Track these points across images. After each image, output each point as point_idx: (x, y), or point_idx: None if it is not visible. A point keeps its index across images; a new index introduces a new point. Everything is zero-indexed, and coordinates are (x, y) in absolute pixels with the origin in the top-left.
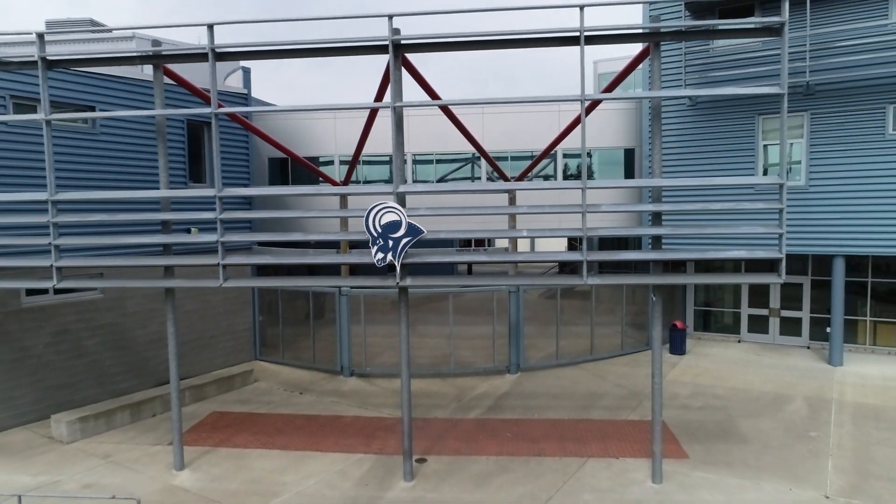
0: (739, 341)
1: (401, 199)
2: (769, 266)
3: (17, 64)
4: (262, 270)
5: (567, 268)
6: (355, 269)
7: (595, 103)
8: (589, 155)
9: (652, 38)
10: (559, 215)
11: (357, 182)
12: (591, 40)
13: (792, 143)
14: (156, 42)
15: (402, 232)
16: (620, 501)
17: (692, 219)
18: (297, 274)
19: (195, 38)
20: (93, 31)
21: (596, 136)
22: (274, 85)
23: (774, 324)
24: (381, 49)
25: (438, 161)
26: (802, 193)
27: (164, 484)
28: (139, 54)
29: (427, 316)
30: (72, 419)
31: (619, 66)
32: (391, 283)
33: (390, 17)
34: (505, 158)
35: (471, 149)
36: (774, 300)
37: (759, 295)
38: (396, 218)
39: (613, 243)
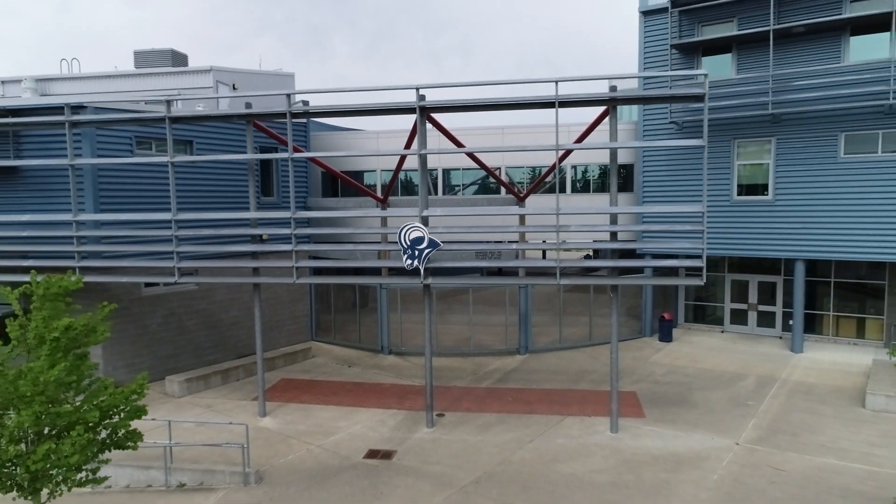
0: (722, 332)
1: (424, 220)
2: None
3: (151, 120)
4: (317, 268)
5: (589, 271)
6: (393, 269)
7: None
8: (605, 168)
9: (610, 103)
10: (588, 224)
11: (398, 189)
12: (564, 104)
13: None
14: (248, 105)
15: (424, 244)
16: (584, 444)
17: (643, 235)
18: (347, 273)
19: (255, 55)
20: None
21: (600, 152)
22: (323, 84)
23: (752, 316)
24: (411, 111)
25: (465, 170)
26: (770, 206)
27: (253, 425)
28: (236, 114)
29: (452, 306)
30: (181, 380)
31: (631, 84)
32: (417, 281)
33: (417, 88)
34: (521, 168)
35: (492, 162)
36: (753, 296)
37: (743, 291)
38: (421, 234)
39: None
